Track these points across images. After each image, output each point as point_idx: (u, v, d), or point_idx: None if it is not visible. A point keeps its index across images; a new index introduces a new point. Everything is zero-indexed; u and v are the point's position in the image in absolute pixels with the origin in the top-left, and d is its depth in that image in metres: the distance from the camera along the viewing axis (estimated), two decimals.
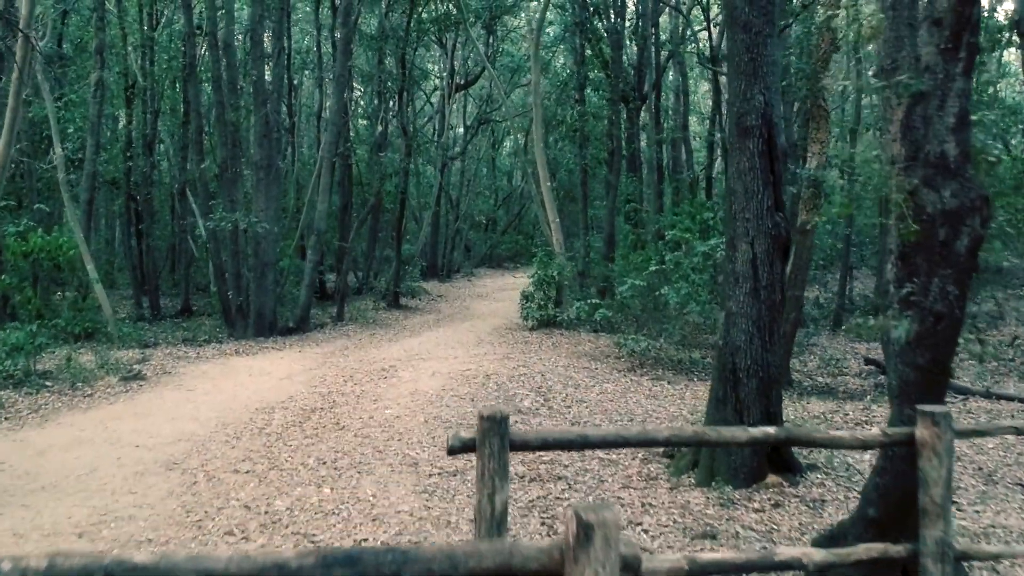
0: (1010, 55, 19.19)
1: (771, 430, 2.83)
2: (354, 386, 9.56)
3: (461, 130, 33.47)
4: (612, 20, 18.01)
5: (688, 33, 21.55)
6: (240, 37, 18.88)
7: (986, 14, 12.87)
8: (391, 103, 22.59)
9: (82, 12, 19.20)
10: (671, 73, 24.46)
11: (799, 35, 12.31)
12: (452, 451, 2.66)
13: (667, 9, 21.06)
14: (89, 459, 6.47)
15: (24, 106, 16.28)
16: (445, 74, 26.72)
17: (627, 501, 5.47)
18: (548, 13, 19.24)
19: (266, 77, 15.98)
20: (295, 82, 23.64)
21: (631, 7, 20.60)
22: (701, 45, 21.51)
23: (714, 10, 19.78)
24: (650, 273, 11.13)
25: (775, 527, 4.95)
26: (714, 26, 19.21)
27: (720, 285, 11.52)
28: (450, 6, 20.87)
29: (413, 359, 11.48)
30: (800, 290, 9.80)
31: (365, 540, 4.73)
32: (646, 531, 4.92)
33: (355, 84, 25.43)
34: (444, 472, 6.06)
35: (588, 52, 18.48)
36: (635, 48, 19.20)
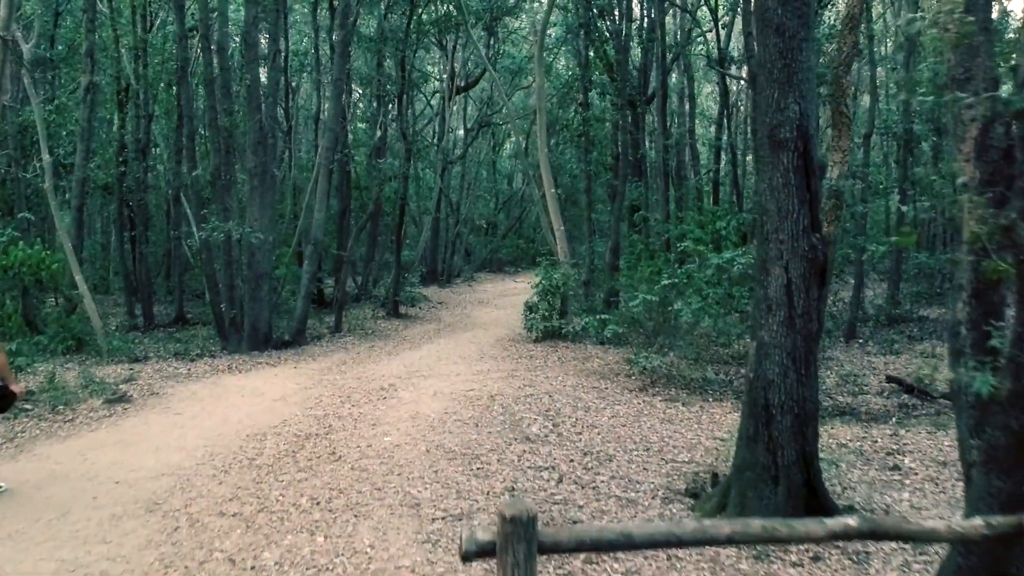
0: None
1: (852, 522, 2.34)
2: (351, 408, 9.06)
3: (461, 132, 32.99)
4: (617, 22, 17.49)
5: (695, 34, 21.05)
6: (237, 39, 18.36)
7: None
8: (390, 106, 22.10)
9: (76, 14, 18.68)
10: (674, 75, 23.99)
11: (816, 37, 11.84)
12: (467, 558, 2.16)
13: (672, 10, 20.56)
14: (63, 499, 5.96)
15: (12, 111, 15.83)
16: (445, 76, 26.24)
17: (650, 552, 4.97)
18: (551, 15, 18.73)
19: (263, 80, 15.46)
20: (293, 85, 23.13)
21: (636, 8, 20.12)
22: (709, 47, 20.99)
23: (721, 10, 19.27)
24: (662, 287, 10.62)
25: None
26: (722, 27, 18.70)
27: (735, 298, 11.04)
28: (450, 7, 20.38)
29: (413, 376, 10.97)
30: (823, 306, 9.31)
31: None
32: None
33: (354, 87, 24.94)
34: (448, 515, 5.56)
35: (592, 55, 17.97)
36: (640, 50, 18.72)
